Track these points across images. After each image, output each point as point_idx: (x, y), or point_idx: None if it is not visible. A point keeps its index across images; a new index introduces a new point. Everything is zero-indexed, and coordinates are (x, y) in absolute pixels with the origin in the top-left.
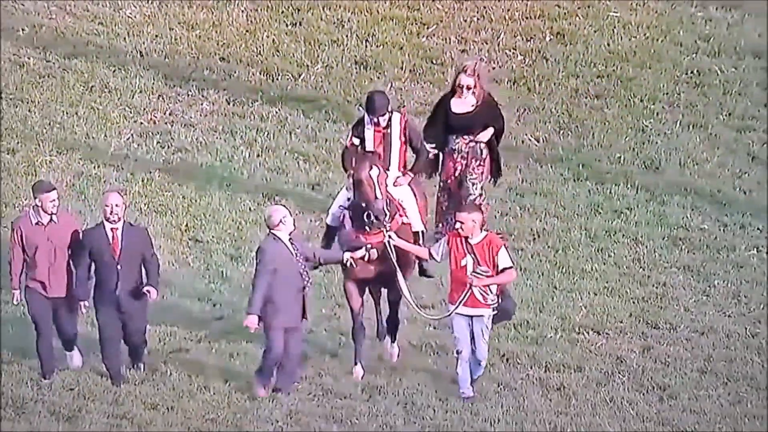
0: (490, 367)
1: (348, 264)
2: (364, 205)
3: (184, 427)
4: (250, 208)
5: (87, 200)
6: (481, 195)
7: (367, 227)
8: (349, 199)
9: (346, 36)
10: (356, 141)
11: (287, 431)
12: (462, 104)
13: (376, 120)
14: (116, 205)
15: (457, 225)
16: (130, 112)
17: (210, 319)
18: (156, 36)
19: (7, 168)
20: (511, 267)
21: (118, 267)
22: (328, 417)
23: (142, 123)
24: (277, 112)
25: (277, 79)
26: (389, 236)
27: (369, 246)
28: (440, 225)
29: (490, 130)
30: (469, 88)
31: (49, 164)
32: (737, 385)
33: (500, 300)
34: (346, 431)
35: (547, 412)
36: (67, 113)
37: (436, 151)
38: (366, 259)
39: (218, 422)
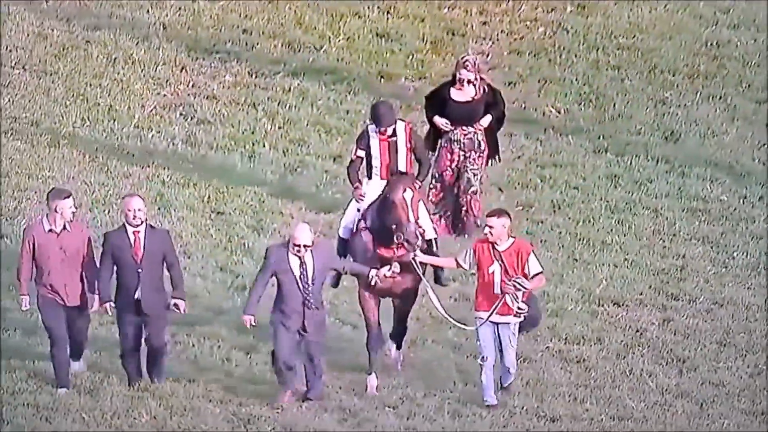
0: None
1: (372, 282)
2: (394, 226)
3: (205, 400)
4: (271, 181)
5: (109, 172)
6: (481, 185)
7: (394, 247)
8: (358, 210)
9: (368, 8)
10: (361, 153)
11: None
12: (462, 94)
13: (382, 128)
14: (138, 210)
15: (486, 230)
16: (153, 84)
17: (232, 291)
18: (179, 8)
19: (30, 139)
20: (541, 272)
21: (139, 270)
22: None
23: (164, 95)
24: (299, 84)
25: (299, 51)
26: (415, 254)
27: (395, 265)
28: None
29: (488, 117)
30: (470, 82)
31: (72, 136)
32: (756, 357)
33: (528, 307)
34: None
35: (566, 384)
36: (90, 85)
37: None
38: (393, 274)
39: (239, 394)
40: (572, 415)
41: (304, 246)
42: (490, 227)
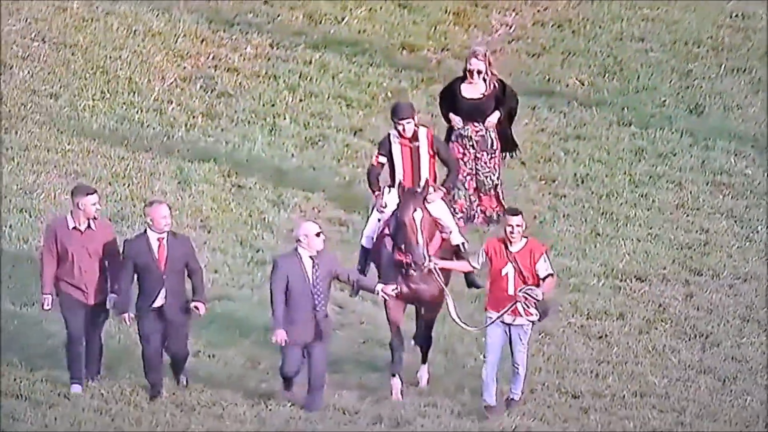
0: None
1: (380, 297)
2: (403, 246)
3: (224, 376)
4: (292, 154)
5: (129, 146)
6: (496, 185)
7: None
8: (379, 220)
9: None
10: (382, 159)
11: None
12: (473, 90)
13: (402, 128)
14: (164, 217)
15: (508, 229)
16: (173, 57)
17: (252, 266)
18: None
19: (49, 112)
20: (552, 274)
21: (164, 278)
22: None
23: (185, 67)
24: (320, 57)
25: (321, 23)
26: (433, 263)
27: (394, 288)
28: None
29: (496, 114)
30: (480, 73)
31: (91, 109)
32: None
33: (539, 310)
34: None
35: (588, 360)
36: (110, 57)
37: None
38: (396, 294)
39: (259, 370)
40: (594, 392)
41: (316, 234)
42: (511, 226)
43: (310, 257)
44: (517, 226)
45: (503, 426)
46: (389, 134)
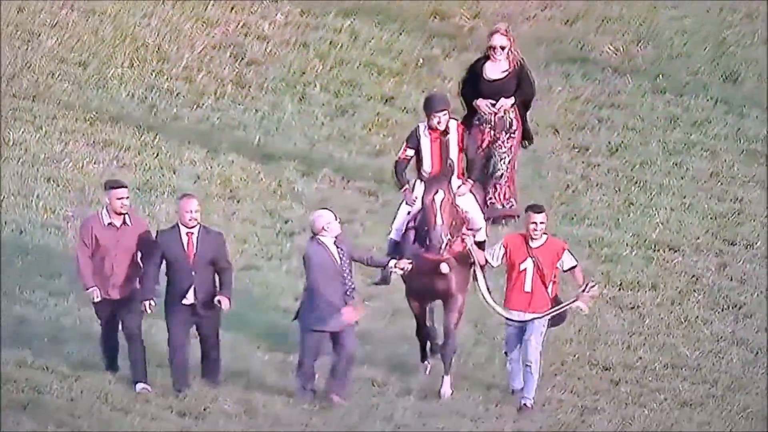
0: (563, 285)
1: (391, 272)
2: (426, 228)
3: (253, 346)
4: (323, 123)
5: (158, 114)
6: (507, 170)
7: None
8: (409, 213)
9: None
10: (410, 152)
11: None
12: (495, 69)
13: (437, 120)
14: (194, 211)
15: (531, 226)
16: (203, 24)
17: (281, 237)
18: None
19: (78, 81)
20: (576, 265)
21: (193, 273)
22: None
23: (214, 35)
24: (350, 24)
25: None
26: (470, 243)
27: (408, 263)
28: None
29: (511, 100)
30: (503, 48)
31: (120, 77)
32: None
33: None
34: None
35: (620, 332)
36: (138, 25)
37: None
38: (409, 270)
39: (289, 342)
40: (625, 364)
41: (337, 219)
42: (535, 223)
43: (334, 243)
44: (541, 223)
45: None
46: (418, 127)
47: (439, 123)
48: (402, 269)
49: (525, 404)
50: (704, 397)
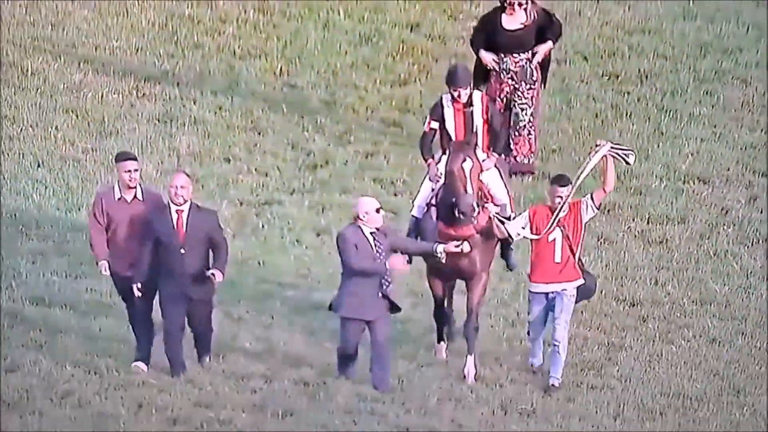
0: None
1: (439, 256)
2: (453, 200)
3: (275, 283)
4: (346, 51)
5: (179, 42)
6: (530, 122)
7: (455, 222)
8: (432, 190)
9: None
10: (435, 125)
11: None
12: (513, 20)
13: (457, 94)
14: (181, 187)
15: (557, 200)
16: None
17: (303, 170)
18: None
19: (98, 8)
20: (596, 211)
21: (182, 251)
22: None
23: None
24: None
25: None
26: (494, 212)
27: (459, 242)
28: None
29: (549, 44)
30: (520, 5)
31: (141, 4)
32: None
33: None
34: None
35: (648, 266)
36: None
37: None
38: (461, 251)
39: (311, 278)
40: (653, 299)
41: (376, 210)
42: (561, 197)
43: (371, 233)
44: (567, 196)
45: None
46: (441, 98)
47: (459, 96)
48: (452, 251)
49: (553, 384)
50: (733, 333)
